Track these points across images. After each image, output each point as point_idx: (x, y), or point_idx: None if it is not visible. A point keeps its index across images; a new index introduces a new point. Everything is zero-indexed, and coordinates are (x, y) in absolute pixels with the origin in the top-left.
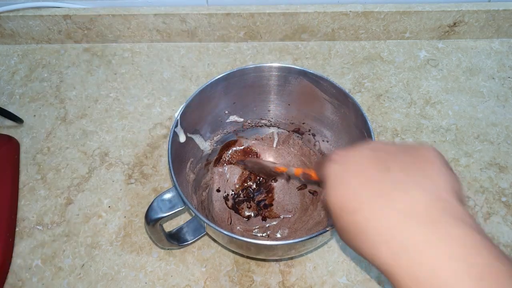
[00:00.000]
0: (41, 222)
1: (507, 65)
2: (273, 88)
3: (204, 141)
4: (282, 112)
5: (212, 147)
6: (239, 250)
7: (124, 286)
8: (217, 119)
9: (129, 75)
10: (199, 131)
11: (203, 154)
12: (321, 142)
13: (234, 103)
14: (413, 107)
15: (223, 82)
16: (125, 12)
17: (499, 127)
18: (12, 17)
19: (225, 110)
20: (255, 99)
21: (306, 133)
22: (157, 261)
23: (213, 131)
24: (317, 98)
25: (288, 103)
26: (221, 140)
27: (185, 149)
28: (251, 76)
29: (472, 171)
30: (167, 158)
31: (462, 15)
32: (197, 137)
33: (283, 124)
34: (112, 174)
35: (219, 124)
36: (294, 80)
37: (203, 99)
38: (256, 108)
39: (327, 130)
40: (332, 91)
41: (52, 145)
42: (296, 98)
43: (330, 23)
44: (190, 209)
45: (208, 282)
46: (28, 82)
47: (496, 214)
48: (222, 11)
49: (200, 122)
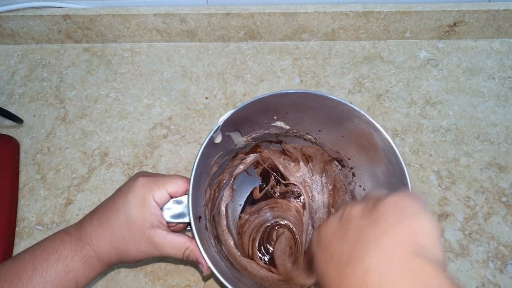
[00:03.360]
0: (41, 222)
1: (507, 65)
2: (333, 119)
3: (241, 136)
4: (332, 139)
5: (248, 142)
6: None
7: (124, 286)
8: (262, 121)
9: (129, 75)
10: (239, 129)
11: (235, 147)
12: (357, 186)
13: (286, 113)
14: (413, 107)
15: (284, 98)
16: (125, 12)
17: (499, 127)
18: (12, 17)
19: (275, 116)
20: (309, 117)
21: (347, 168)
22: (157, 261)
23: (253, 129)
24: (373, 149)
25: (342, 135)
26: (258, 138)
27: (216, 145)
28: (315, 101)
29: (472, 171)
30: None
31: (462, 15)
32: (234, 134)
33: (328, 148)
34: (112, 174)
35: (263, 125)
36: (357, 121)
37: (255, 105)
38: (307, 124)
39: (370, 180)
40: (388, 149)
41: (52, 145)
42: (352, 135)
43: (330, 23)
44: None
45: (208, 282)
46: (28, 82)
47: (496, 214)
48: (222, 11)
49: (243, 122)
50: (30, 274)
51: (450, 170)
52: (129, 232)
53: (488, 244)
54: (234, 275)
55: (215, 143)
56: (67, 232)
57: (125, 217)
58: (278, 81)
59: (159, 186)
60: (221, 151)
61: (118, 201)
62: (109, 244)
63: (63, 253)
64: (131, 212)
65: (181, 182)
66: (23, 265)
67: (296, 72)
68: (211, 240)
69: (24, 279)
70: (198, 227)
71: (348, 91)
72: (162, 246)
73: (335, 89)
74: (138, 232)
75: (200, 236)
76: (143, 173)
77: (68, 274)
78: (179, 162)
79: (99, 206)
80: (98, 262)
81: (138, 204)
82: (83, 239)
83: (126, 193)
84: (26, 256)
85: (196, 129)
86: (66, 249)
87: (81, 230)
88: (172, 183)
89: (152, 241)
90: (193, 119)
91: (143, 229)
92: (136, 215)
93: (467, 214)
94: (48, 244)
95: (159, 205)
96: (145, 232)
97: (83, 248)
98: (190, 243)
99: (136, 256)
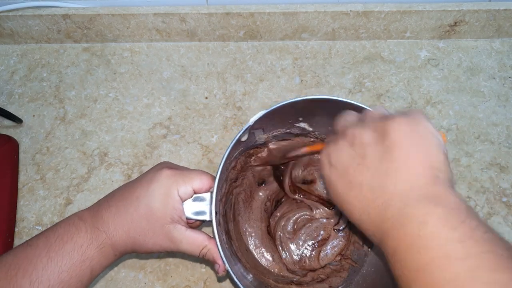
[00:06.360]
0: (40, 222)
1: (507, 65)
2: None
3: (263, 133)
4: None
5: (268, 139)
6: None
7: (123, 286)
8: (286, 121)
9: (128, 75)
10: (263, 127)
11: (255, 143)
12: None
13: (313, 115)
14: (414, 107)
15: (316, 103)
16: (125, 12)
17: (500, 127)
18: (12, 17)
19: (300, 117)
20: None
21: None
22: (157, 261)
23: (276, 128)
24: None
25: None
26: (279, 136)
27: (240, 143)
28: (345, 108)
29: (473, 171)
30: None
31: (463, 15)
32: (258, 131)
33: None
34: (112, 174)
35: (286, 124)
36: None
37: (286, 107)
38: (332, 128)
39: None
40: None
41: (51, 145)
42: None
43: (331, 23)
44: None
45: (208, 282)
46: (27, 82)
47: (497, 214)
48: (222, 11)
49: (269, 121)
50: (45, 263)
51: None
52: (148, 224)
53: None
54: (242, 273)
55: (241, 141)
56: (81, 218)
57: (146, 208)
58: (278, 81)
59: (185, 181)
60: (241, 147)
61: (140, 190)
62: (126, 233)
63: (78, 242)
64: (154, 203)
65: (206, 179)
66: (36, 252)
67: (296, 72)
68: (223, 236)
69: (39, 268)
70: (219, 228)
71: (348, 91)
72: (180, 242)
73: (335, 89)
74: (158, 225)
75: (220, 237)
76: (168, 164)
77: (83, 263)
78: (178, 162)
79: (116, 192)
80: (113, 251)
81: (162, 196)
82: (99, 226)
83: (149, 183)
84: (39, 243)
85: (196, 129)
86: (81, 237)
87: (97, 216)
88: (198, 179)
89: (171, 236)
90: (193, 119)
91: (163, 222)
92: (158, 207)
93: None
94: (62, 231)
95: (182, 200)
96: (164, 226)
97: (99, 236)
98: (208, 242)
99: (152, 249)
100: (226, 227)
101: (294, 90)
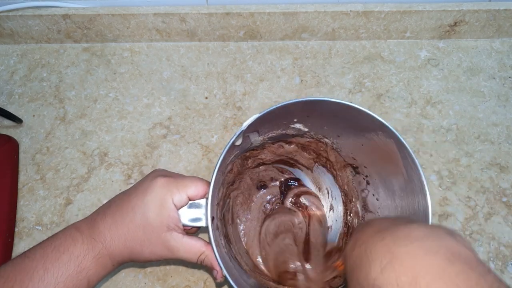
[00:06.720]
0: (40, 222)
1: (508, 65)
2: (355, 128)
3: (258, 136)
4: (351, 146)
5: (264, 141)
6: None
7: (123, 286)
8: (282, 122)
9: (128, 75)
10: (258, 130)
11: (251, 146)
12: (370, 195)
13: (308, 116)
14: (414, 107)
15: (308, 105)
16: (125, 12)
17: (500, 127)
18: (11, 17)
19: (295, 119)
20: (331, 122)
21: (361, 175)
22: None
23: (271, 129)
24: (394, 163)
25: (361, 144)
26: (275, 137)
27: (235, 147)
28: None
29: (473, 171)
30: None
31: (463, 15)
32: (253, 134)
33: (345, 154)
34: (112, 174)
35: (281, 126)
36: (381, 134)
37: (279, 109)
38: (327, 128)
39: (384, 191)
40: (411, 166)
41: (51, 145)
42: (373, 145)
43: (331, 23)
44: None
45: (208, 282)
46: (27, 82)
47: (497, 214)
48: (222, 11)
49: (263, 123)
50: (42, 274)
51: (451, 170)
52: (145, 234)
53: (488, 244)
54: (242, 277)
55: (236, 145)
56: (78, 229)
57: (142, 218)
58: (278, 81)
59: (179, 189)
60: (237, 151)
61: (135, 201)
62: (123, 244)
63: (74, 252)
64: (149, 214)
65: (201, 186)
66: (33, 264)
67: (296, 72)
68: (221, 240)
69: (35, 280)
70: (216, 234)
71: (348, 91)
72: (178, 250)
73: (335, 89)
74: (154, 235)
75: (216, 243)
76: (161, 172)
77: (80, 274)
78: (178, 162)
79: (112, 202)
80: (110, 261)
81: (157, 206)
82: (95, 237)
83: (143, 193)
84: (36, 255)
85: (196, 129)
86: (77, 248)
87: (94, 227)
88: (193, 187)
89: (168, 245)
90: (193, 119)
91: (159, 232)
92: (153, 217)
93: (468, 214)
94: (59, 242)
95: (177, 207)
96: (161, 234)
97: (95, 246)
98: (205, 248)
99: (149, 258)
100: (225, 230)
101: (294, 90)
